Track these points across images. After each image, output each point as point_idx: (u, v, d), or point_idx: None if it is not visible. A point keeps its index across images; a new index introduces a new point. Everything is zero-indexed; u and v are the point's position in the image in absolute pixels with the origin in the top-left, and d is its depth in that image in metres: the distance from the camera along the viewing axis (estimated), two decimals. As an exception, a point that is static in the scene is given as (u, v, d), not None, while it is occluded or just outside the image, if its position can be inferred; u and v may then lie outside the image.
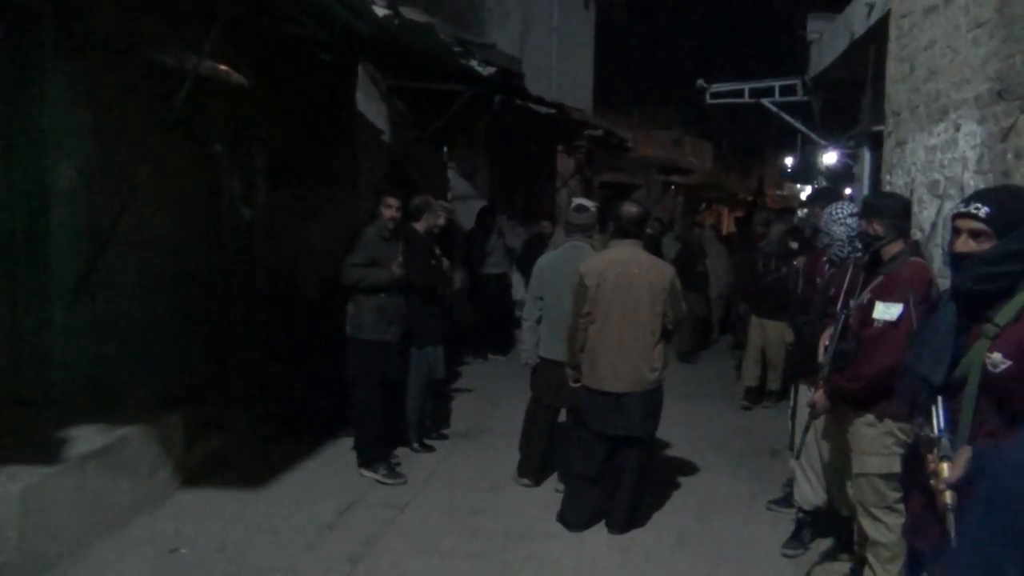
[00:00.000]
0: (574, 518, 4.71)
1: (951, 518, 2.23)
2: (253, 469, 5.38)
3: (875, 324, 3.43)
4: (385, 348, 5.41)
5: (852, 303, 3.64)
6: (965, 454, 2.26)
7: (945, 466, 2.27)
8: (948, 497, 2.25)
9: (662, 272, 4.58)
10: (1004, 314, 2.31)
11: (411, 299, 5.56)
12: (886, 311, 3.40)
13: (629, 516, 4.71)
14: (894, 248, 3.58)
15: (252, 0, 4.91)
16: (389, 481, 5.30)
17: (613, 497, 4.69)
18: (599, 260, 4.62)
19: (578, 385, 4.71)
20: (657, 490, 5.29)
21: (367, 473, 5.36)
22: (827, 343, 3.70)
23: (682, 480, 5.61)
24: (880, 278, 3.55)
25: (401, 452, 5.85)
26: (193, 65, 4.76)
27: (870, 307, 3.49)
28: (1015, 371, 2.26)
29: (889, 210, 3.61)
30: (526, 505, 5.09)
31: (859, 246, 3.87)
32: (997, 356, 2.29)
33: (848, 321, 3.61)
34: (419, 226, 5.79)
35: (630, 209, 4.69)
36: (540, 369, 5.23)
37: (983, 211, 2.35)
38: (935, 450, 2.34)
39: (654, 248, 7.50)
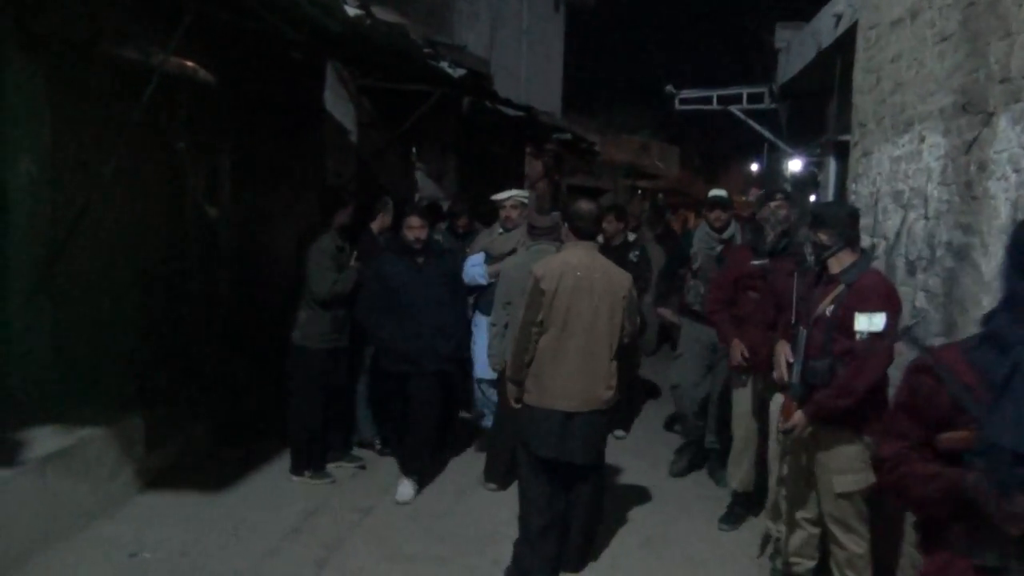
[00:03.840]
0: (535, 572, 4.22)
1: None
2: (216, 472, 5.35)
3: (859, 336, 3.42)
4: (336, 354, 5.43)
5: (813, 316, 3.63)
6: None
7: None
8: None
9: (622, 279, 4.21)
10: None
11: None
12: (870, 323, 3.39)
13: (582, 555, 4.39)
14: (847, 258, 3.60)
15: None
16: (316, 481, 5.36)
17: (564, 538, 4.31)
18: (556, 262, 4.18)
19: (520, 406, 4.27)
20: (622, 493, 5.35)
21: (295, 479, 5.40)
22: (790, 360, 3.66)
23: (647, 483, 5.66)
24: (842, 289, 3.55)
25: (366, 455, 5.87)
26: (159, 61, 4.73)
27: (844, 319, 3.48)
28: None
29: (834, 219, 3.63)
30: (493, 509, 5.12)
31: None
32: None
33: (810, 336, 3.57)
34: (374, 226, 5.79)
35: (586, 207, 4.29)
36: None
37: None
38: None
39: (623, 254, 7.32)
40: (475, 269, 5.86)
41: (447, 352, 5.36)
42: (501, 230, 6.03)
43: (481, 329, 5.83)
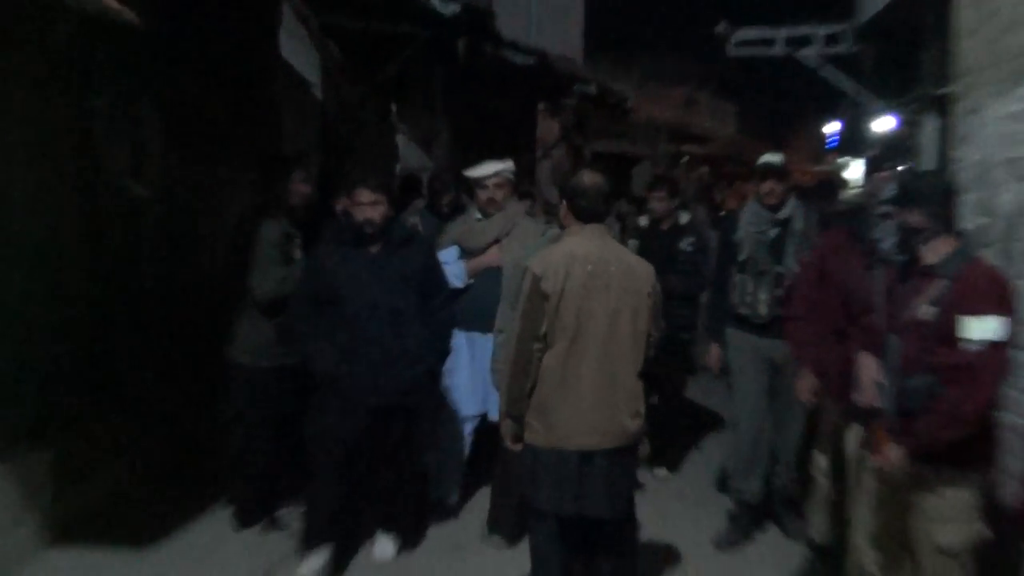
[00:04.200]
0: None
1: None
2: (143, 522, 5.36)
3: (967, 346, 3.38)
4: (283, 373, 5.34)
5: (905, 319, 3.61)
6: None
7: None
8: None
9: (645, 271, 4.03)
10: None
11: None
12: (982, 328, 3.35)
13: None
14: (945, 245, 3.58)
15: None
16: (268, 532, 5.37)
17: None
18: (558, 255, 3.94)
19: (519, 447, 4.11)
20: (664, 552, 5.32)
21: (242, 530, 5.40)
22: (879, 378, 3.65)
23: (697, 537, 5.59)
24: (943, 283, 3.52)
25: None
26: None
27: (946, 324, 3.44)
28: None
29: (928, 196, 3.62)
30: (498, 570, 5.10)
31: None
32: None
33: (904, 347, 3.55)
34: (339, 206, 5.77)
35: (589, 179, 4.06)
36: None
37: None
38: None
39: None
40: (447, 268, 5.50)
41: (408, 382, 4.89)
42: (479, 215, 5.73)
43: (460, 351, 5.58)
